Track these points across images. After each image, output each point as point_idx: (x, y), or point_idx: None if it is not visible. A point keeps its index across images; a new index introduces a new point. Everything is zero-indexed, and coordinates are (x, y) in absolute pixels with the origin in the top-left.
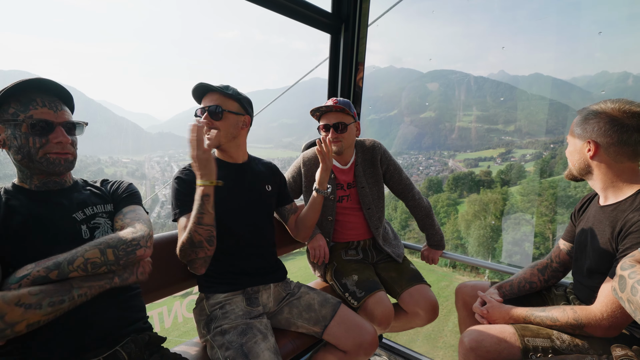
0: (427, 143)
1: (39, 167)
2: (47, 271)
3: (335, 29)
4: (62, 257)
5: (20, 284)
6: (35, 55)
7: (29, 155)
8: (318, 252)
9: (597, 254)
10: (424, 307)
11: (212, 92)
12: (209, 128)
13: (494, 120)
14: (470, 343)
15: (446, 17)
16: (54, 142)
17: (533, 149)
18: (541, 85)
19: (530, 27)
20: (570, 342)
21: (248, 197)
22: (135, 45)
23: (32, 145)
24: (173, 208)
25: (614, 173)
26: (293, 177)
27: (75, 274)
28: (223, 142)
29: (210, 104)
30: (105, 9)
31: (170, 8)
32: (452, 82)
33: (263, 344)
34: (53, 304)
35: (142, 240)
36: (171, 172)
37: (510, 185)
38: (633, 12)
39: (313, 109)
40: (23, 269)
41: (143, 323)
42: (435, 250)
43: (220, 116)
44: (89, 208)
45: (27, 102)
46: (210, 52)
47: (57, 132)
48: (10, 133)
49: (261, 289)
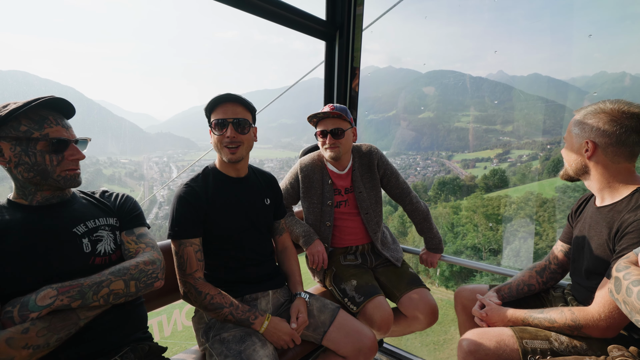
0: (425, 143)
1: (54, 184)
2: (71, 300)
3: (329, 36)
4: (86, 285)
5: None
6: (33, 55)
7: (44, 173)
8: (317, 258)
9: (595, 255)
10: (423, 311)
11: (236, 104)
12: (233, 142)
13: (492, 120)
14: (469, 346)
15: (445, 18)
16: (69, 159)
17: (529, 149)
18: (539, 85)
19: (530, 27)
20: (569, 344)
21: (249, 210)
22: (134, 45)
23: (49, 163)
24: (170, 226)
25: (611, 173)
26: (291, 184)
27: (96, 304)
28: (244, 156)
29: (236, 116)
30: (105, 9)
31: (169, 8)
32: (451, 83)
33: (262, 351)
34: (60, 340)
35: (160, 272)
36: (169, 173)
37: (493, 191)
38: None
39: (310, 115)
40: (44, 295)
41: (142, 333)
42: (433, 254)
43: (247, 130)
44: (90, 221)
45: (39, 120)
46: (209, 52)
47: (71, 149)
48: (21, 150)
49: (260, 295)
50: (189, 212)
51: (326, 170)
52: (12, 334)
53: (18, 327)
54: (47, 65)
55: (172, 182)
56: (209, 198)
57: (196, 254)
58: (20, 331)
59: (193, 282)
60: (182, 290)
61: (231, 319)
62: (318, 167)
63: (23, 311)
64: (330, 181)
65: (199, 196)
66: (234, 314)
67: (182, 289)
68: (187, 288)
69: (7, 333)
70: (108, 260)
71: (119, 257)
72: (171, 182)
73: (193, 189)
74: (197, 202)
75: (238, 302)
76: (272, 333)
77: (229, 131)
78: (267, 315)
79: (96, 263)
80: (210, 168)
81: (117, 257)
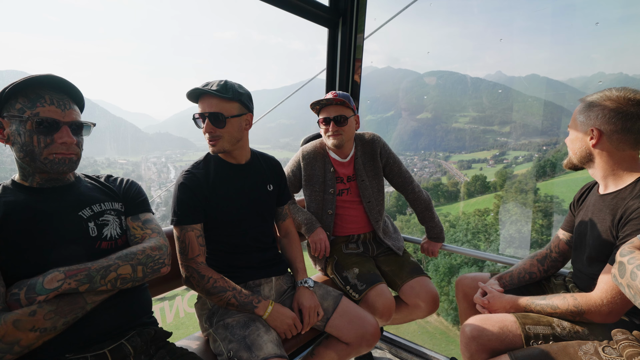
0: (423, 144)
1: (41, 167)
2: (79, 284)
3: (332, 23)
4: (93, 269)
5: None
6: (32, 54)
7: (32, 154)
8: (319, 246)
9: (598, 242)
10: (424, 299)
11: (210, 96)
12: (211, 136)
13: (490, 121)
14: (472, 332)
15: (443, 18)
16: (58, 142)
17: (525, 150)
18: (537, 86)
19: (528, 27)
20: (571, 329)
21: (252, 197)
22: (134, 44)
23: (37, 145)
24: (173, 212)
25: (615, 161)
26: (293, 172)
27: (103, 288)
28: (227, 148)
29: (210, 110)
30: (103, 7)
31: (168, 7)
32: (449, 83)
33: (266, 336)
34: (67, 323)
35: (166, 258)
36: (167, 173)
37: (475, 196)
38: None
39: (313, 102)
40: (52, 278)
41: (148, 318)
42: (435, 243)
43: (223, 124)
44: (96, 205)
45: (35, 98)
46: (208, 52)
47: (62, 131)
48: (15, 129)
49: (263, 282)
50: (190, 199)
51: (328, 158)
52: (19, 316)
53: (25, 309)
54: (45, 65)
55: (170, 183)
56: (209, 184)
57: (198, 238)
58: (27, 314)
59: (195, 267)
60: (184, 274)
61: (234, 302)
62: (320, 155)
63: (30, 294)
64: (332, 169)
65: (199, 182)
66: (237, 298)
67: (185, 273)
68: (190, 272)
69: (14, 315)
70: (114, 245)
71: (124, 242)
72: (170, 184)
73: (194, 175)
74: (198, 188)
75: (241, 287)
76: (275, 318)
77: (205, 126)
78: (270, 301)
79: (102, 247)
80: (211, 155)
81: (123, 242)
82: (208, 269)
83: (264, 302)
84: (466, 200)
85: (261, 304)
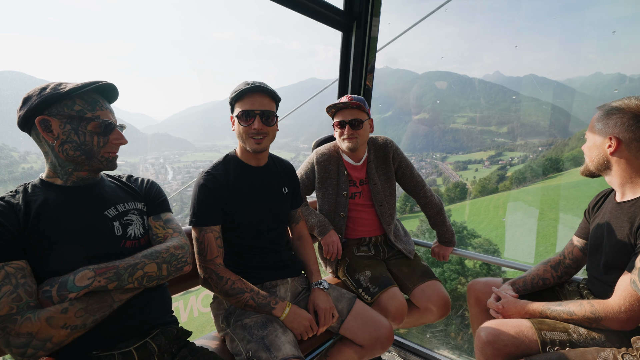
0: (420, 144)
1: (97, 165)
2: (108, 282)
3: (347, 26)
4: (122, 267)
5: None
6: (30, 54)
7: (90, 153)
8: (331, 248)
9: (615, 249)
10: (435, 302)
11: (263, 95)
12: (260, 133)
13: (487, 122)
14: (487, 337)
15: (442, 18)
16: (113, 142)
17: (522, 151)
18: (535, 86)
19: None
20: (587, 336)
21: (268, 199)
22: (133, 45)
23: (96, 144)
24: (192, 213)
25: (633, 169)
26: (306, 174)
27: (130, 286)
28: (267, 147)
29: (263, 108)
30: (102, 8)
31: (168, 7)
32: (448, 84)
33: (284, 337)
34: (96, 321)
35: (188, 257)
36: (165, 174)
37: (455, 202)
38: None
39: (329, 105)
40: (83, 276)
41: (169, 317)
42: (446, 247)
43: (273, 122)
44: (120, 205)
45: (92, 102)
46: (208, 52)
47: (116, 133)
48: (71, 129)
49: (279, 283)
50: (209, 200)
51: (342, 161)
52: (53, 313)
53: (57, 306)
54: (44, 65)
55: (168, 185)
56: (229, 185)
57: (216, 240)
58: (59, 311)
59: (214, 268)
60: (202, 275)
61: (252, 303)
62: (334, 158)
63: (62, 291)
64: (345, 172)
65: (220, 184)
66: (255, 299)
67: (203, 274)
68: (208, 274)
69: (48, 312)
70: (137, 244)
71: (147, 241)
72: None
73: (214, 176)
74: (218, 190)
75: (258, 289)
76: (293, 319)
77: (256, 123)
78: (287, 303)
79: (127, 246)
80: (230, 156)
81: (146, 242)
82: (226, 270)
83: (282, 303)
84: (446, 206)
85: (279, 306)
